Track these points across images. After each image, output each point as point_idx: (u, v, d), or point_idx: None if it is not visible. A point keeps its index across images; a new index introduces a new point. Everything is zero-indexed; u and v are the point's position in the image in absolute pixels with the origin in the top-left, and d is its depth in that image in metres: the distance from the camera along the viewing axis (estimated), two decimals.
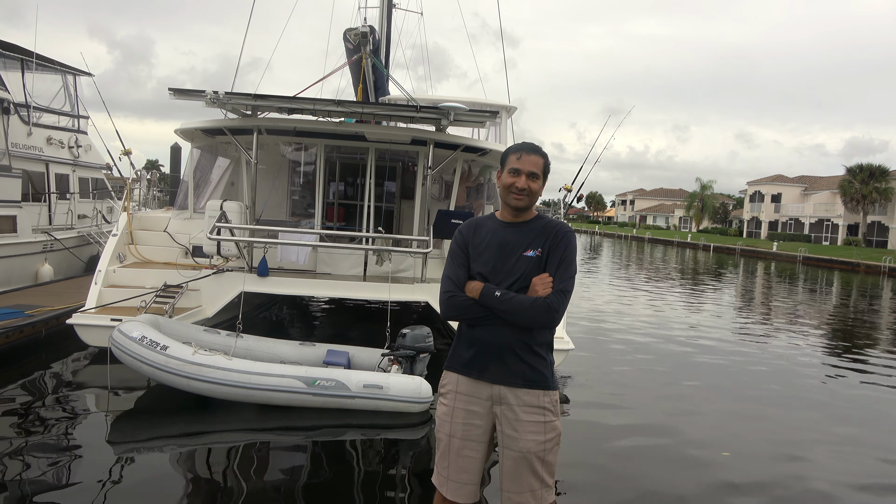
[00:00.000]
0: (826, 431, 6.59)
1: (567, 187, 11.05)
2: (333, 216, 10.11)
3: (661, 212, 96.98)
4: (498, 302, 2.58)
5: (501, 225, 2.74)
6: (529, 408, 2.63)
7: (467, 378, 2.70)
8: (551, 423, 2.66)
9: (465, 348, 2.72)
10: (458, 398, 2.72)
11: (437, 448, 2.79)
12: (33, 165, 12.98)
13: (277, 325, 10.38)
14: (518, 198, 2.67)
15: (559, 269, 2.63)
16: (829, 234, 57.08)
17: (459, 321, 2.75)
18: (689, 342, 10.93)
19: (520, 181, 2.66)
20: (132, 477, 4.64)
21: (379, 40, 11.72)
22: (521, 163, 2.67)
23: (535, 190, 2.69)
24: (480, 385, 2.67)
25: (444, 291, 2.71)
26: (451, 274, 2.72)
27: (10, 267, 10.83)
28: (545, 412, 2.65)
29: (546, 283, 2.60)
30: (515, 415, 2.62)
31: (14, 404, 6.06)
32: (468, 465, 2.71)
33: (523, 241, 2.68)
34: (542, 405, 2.64)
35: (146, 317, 6.63)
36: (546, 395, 2.66)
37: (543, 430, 2.64)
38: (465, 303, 2.65)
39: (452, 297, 2.68)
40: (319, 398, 5.92)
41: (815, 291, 22.86)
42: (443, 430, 2.75)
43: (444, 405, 2.76)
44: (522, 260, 2.65)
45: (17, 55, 13.01)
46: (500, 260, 2.67)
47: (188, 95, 7.64)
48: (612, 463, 5.37)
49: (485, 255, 2.69)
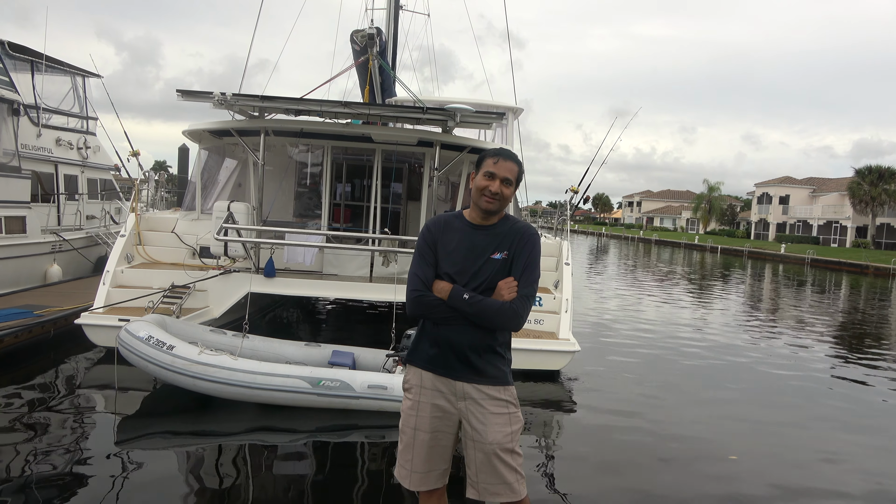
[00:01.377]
0: (835, 436, 6.55)
1: (574, 189, 11.05)
2: (340, 217, 10.14)
3: (669, 213, 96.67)
4: (466, 305, 2.64)
5: (470, 226, 2.79)
6: (494, 401, 2.71)
7: (432, 374, 2.76)
8: (515, 414, 2.75)
9: (428, 345, 2.77)
10: (423, 392, 2.77)
11: (399, 441, 2.83)
12: (42, 166, 13.07)
13: (284, 326, 10.41)
14: (490, 201, 2.72)
15: (524, 273, 2.71)
16: (837, 237, 56.75)
17: (425, 319, 2.80)
18: (696, 345, 10.90)
19: (493, 185, 2.71)
20: (139, 476, 4.67)
21: (385, 42, 11.75)
22: (497, 168, 2.72)
23: (507, 195, 2.75)
24: (444, 381, 2.74)
25: (413, 290, 2.75)
26: (419, 272, 2.76)
27: (19, 267, 10.91)
28: (508, 405, 2.73)
29: (511, 287, 2.67)
30: (482, 408, 2.70)
31: (23, 403, 6.11)
32: (435, 456, 2.76)
33: (491, 244, 2.74)
34: (505, 398, 2.73)
35: (153, 317, 6.67)
36: (506, 390, 2.75)
37: (509, 421, 2.71)
38: (433, 302, 2.70)
39: (421, 296, 2.72)
40: (324, 398, 5.94)
41: (823, 294, 22.74)
42: (408, 424, 2.79)
43: (409, 399, 2.81)
44: (490, 262, 2.71)
45: (27, 57, 13.11)
46: (468, 262, 2.72)
47: (196, 97, 7.69)
48: (618, 465, 5.36)
49: (453, 255, 2.74)
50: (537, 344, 7.67)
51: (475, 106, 12.00)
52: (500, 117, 8.46)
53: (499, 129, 14.18)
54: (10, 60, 12.40)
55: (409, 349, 2.88)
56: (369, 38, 9.58)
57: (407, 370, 2.87)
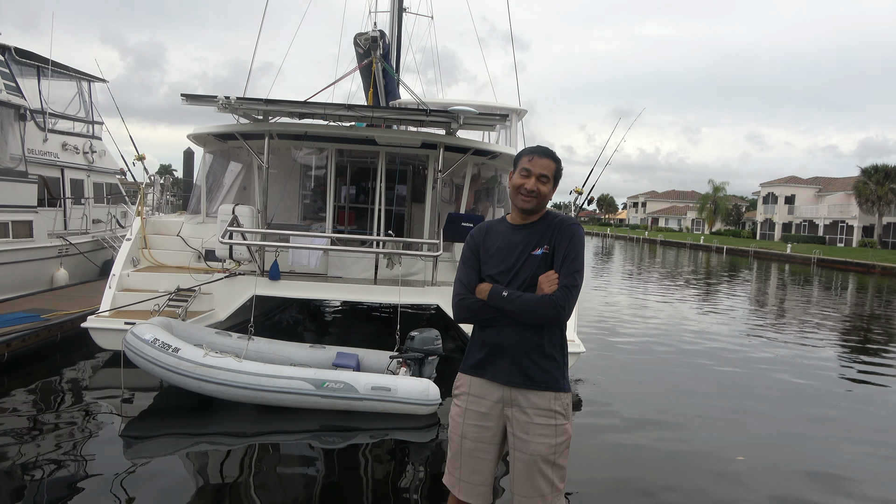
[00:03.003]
0: (845, 437, 6.47)
1: (578, 190, 11.04)
2: (344, 220, 10.16)
3: (674, 214, 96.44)
4: (505, 302, 2.59)
5: (511, 227, 2.76)
6: (540, 410, 2.61)
7: (479, 379, 2.71)
8: (562, 426, 2.64)
9: (477, 350, 2.73)
10: (469, 399, 2.73)
11: (448, 449, 2.80)
12: (49, 171, 13.15)
13: (289, 328, 10.44)
14: (526, 199, 2.67)
15: (564, 264, 2.62)
16: (843, 236, 56.49)
17: (471, 323, 2.76)
18: (702, 345, 10.87)
19: (529, 183, 2.66)
20: (144, 478, 4.70)
21: (389, 45, 11.78)
22: (533, 165, 2.68)
23: (545, 193, 2.69)
24: (492, 386, 2.67)
25: (456, 294, 2.74)
26: (462, 277, 2.75)
27: (26, 271, 10.97)
28: (556, 415, 2.62)
29: (552, 280, 2.60)
30: (527, 417, 2.61)
31: (30, 406, 6.15)
32: (480, 466, 2.71)
33: (532, 241, 2.68)
34: (553, 408, 2.62)
35: (159, 319, 6.71)
36: (557, 397, 2.64)
37: (554, 433, 2.61)
38: (475, 304, 2.66)
39: (463, 300, 2.70)
40: (328, 400, 5.96)
41: (830, 294, 22.64)
42: (455, 431, 2.76)
43: (457, 406, 2.78)
44: (531, 259, 2.65)
45: (33, 63, 13.20)
46: (509, 261, 2.67)
47: (200, 101, 7.72)
48: (624, 466, 5.36)
49: (495, 257, 2.71)
50: None
51: (479, 108, 12.01)
52: (504, 119, 8.48)
53: (503, 130, 14.19)
54: (16, 66, 12.49)
55: (464, 357, 2.84)
56: (372, 40, 9.60)
57: (458, 377, 2.82)
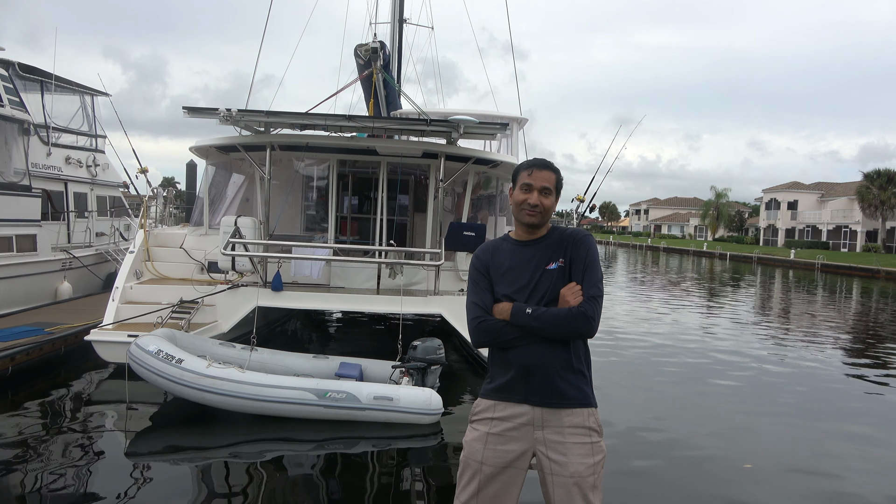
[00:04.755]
0: (854, 444, 6.42)
1: (580, 198, 11.06)
2: (346, 230, 10.18)
3: (676, 221, 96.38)
4: (531, 319, 2.47)
5: (518, 244, 2.66)
6: (575, 429, 2.51)
7: (506, 403, 2.55)
8: (598, 443, 2.54)
9: (501, 373, 2.58)
10: (493, 424, 2.56)
11: (461, 476, 2.59)
12: (52, 185, 13.20)
13: (293, 339, 10.44)
14: (531, 214, 2.60)
15: (585, 275, 2.54)
16: (847, 241, 56.38)
17: (493, 346, 2.61)
18: (707, 352, 10.84)
19: (532, 197, 2.58)
20: (149, 489, 4.70)
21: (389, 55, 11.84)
22: (533, 178, 2.59)
23: (548, 206, 2.61)
24: (520, 409, 2.53)
25: (473, 318, 2.58)
26: (476, 299, 2.60)
27: (30, 285, 11.00)
28: (591, 433, 2.53)
29: (575, 291, 2.51)
30: (561, 437, 2.49)
31: (35, 420, 6.16)
32: (502, 493, 2.54)
33: (544, 256, 2.60)
34: (588, 425, 2.53)
35: (163, 331, 6.72)
36: (591, 413, 2.55)
37: (591, 451, 2.51)
38: (497, 325, 2.53)
39: (483, 322, 2.55)
40: (331, 410, 5.96)
41: (834, 299, 22.57)
42: (473, 458, 2.56)
43: (476, 430, 2.60)
44: (546, 274, 2.57)
45: (37, 77, 13.30)
46: (523, 278, 2.58)
47: (202, 113, 7.77)
48: (630, 473, 5.33)
49: (507, 276, 2.60)
50: None
51: (480, 117, 12.05)
52: (504, 128, 8.51)
53: (504, 139, 14.23)
54: (20, 81, 12.58)
55: (485, 383, 2.68)
56: (373, 51, 9.65)
57: (478, 402, 2.66)
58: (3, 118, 10.88)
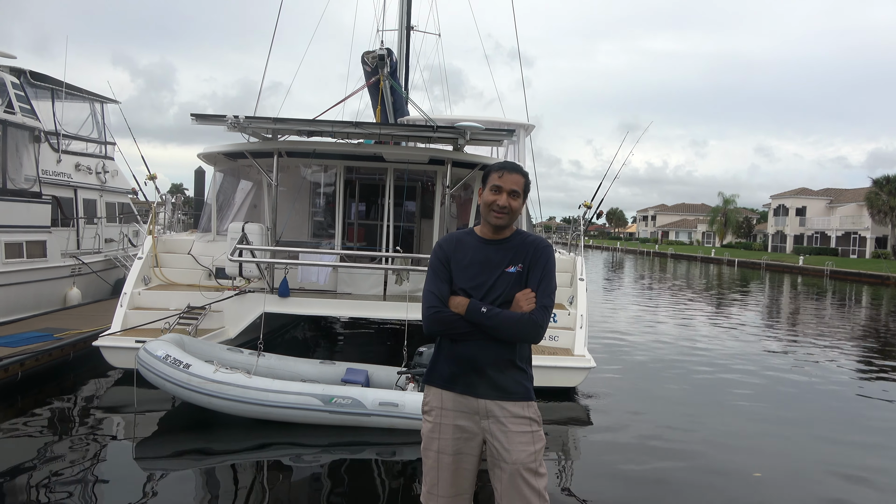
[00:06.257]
0: (865, 453, 6.37)
1: (587, 204, 11.05)
2: (353, 236, 10.21)
3: (684, 227, 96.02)
4: (484, 318, 2.61)
5: (482, 241, 2.78)
6: (517, 419, 2.65)
7: (452, 393, 2.71)
8: (538, 432, 2.70)
9: (447, 364, 2.73)
10: (444, 414, 2.72)
11: (424, 466, 2.77)
12: (62, 191, 13.31)
13: (301, 344, 10.46)
14: (498, 216, 2.72)
15: (541, 284, 2.68)
16: (856, 247, 55.97)
17: (442, 336, 2.76)
18: (715, 359, 10.78)
19: (501, 199, 2.71)
20: (155, 493, 4.72)
21: (396, 62, 11.89)
22: (503, 181, 2.72)
23: (516, 208, 2.74)
24: (467, 400, 2.69)
25: (429, 307, 2.71)
26: (434, 289, 2.73)
27: (40, 291, 11.08)
28: (531, 422, 2.68)
29: (529, 298, 2.65)
30: (504, 426, 2.64)
31: (44, 425, 6.20)
32: (460, 479, 2.71)
33: (505, 258, 2.72)
34: (529, 416, 2.68)
35: (171, 336, 6.75)
36: (530, 406, 2.70)
37: (532, 440, 2.66)
38: (451, 318, 2.67)
39: (438, 313, 2.69)
40: (336, 416, 5.97)
41: (844, 306, 22.42)
42: (430, 448, 2.73)
43: (430, 422, 2.75)
44: (504, 276, 2.69)
45: (47, 85, 13.42)
46: (483, 276, 2.70)
47: (210, 120, 7.83)
48: (638, 484, 5.31)
49: (467, 271, 2.72)
50: (552, 361, 7.64)
51: (487, 123, 12.07)
52: (510, 134, 8.52)
53: (511, 145, 14.23)
54: (31, 89, 12.70)
55: (427, 369, 2.84)
56: (379, 58, 9.71)
57: (426, 391, 2.81)
58: (14, 126, 10.99)
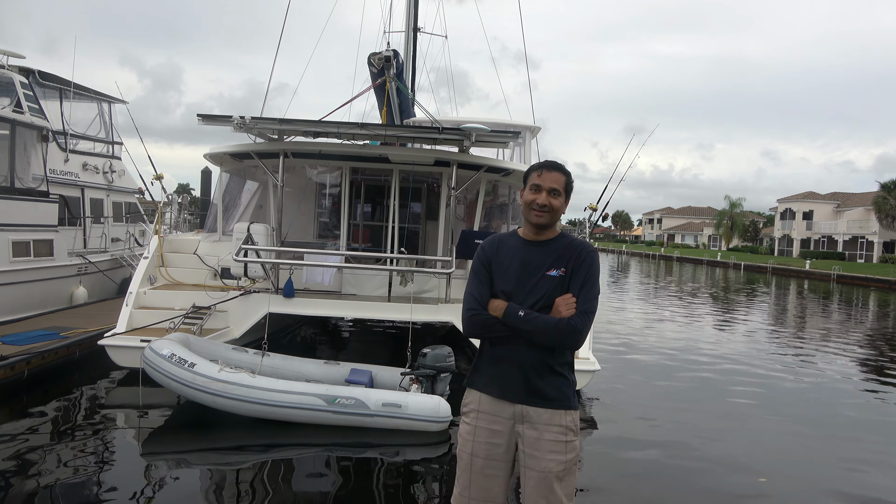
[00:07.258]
0: (872, 459, 6.30)
1: (592, 206, 11.03)
2: (359, 237, 10.22)
3: (690, 230, 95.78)
4: (522, 322, 2.56)
5: (524, 243, 2.72)
6: (551, 426, 2.60)
7: (489, 396, 2.67)
8: (572, 442, 2.63)
9: (486, 366, 2.70)
10: (480, 417, 2.68)
11: (457, 468, 2.74)
12: (69, 191, 13.37)
13: (306, 345, 10.48)
14: (539, 214, 2.66)
15: (583, 289, 2.60)
16: (863, 252, 55.73)
17: (481, 338, 2.72)
18: (720, 364, 10.74)
19: (540, 197, 2.65)
20: (160, 491, 4.74)
21: (403, 64, 11.91)
22: (542, 179, 2.66)
23: (557, 207, 2.67)
24: (502, 404, 2.64)
25: (468, 309, 2.68)
26: (474, 291, 2.70)
27: (46, 289, 11.13)
28: (567, 431, 2.61)
29: (570, 303, 2.58)
30: (537, 434, 2.59)
31: (49, 423, 6.22)
32: (491, 484, 2.66)
33: (546, 261, 2.65)
34: (564, 424, 2.61)
35: (177, 335, 6.78)
36: (567, 414, 2.63)
37: (564, 449, 2.60)
38: (489, 321, 2.63)
39: (476, 315, 2.65)
40: (339, 416, 5.98)
41: (851, 311, 22.30)
42: (465, 450, 2.70)
43: (467, 424, 2.72)
44: (545, 279, 2.63)
45: (55, 85, 13.50)
46: (523, 279, 2.64)
47: (216, 121, 7.85)
48: (642, 489, 5.29)
49: (508, 273, 2.67)
50: None
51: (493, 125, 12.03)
52: (516, 136, 8.52)
53: (517, 147, 14.23)
54: (40, 88, 12.78)
55: (469, 372, 2.80)
56: (386, 60, 9.72)
57: (466, 393, 2.78)
58: (22, 125, 11.05)
